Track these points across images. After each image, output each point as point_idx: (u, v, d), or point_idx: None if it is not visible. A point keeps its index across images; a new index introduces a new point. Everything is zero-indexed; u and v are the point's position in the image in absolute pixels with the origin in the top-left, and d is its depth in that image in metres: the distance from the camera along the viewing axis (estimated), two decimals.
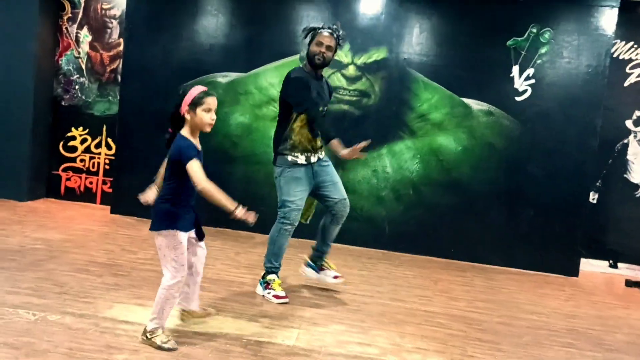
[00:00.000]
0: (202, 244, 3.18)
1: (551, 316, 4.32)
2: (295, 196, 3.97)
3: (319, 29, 4.01)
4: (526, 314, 4.31)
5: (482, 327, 3.88)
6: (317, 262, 4.29)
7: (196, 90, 2.95)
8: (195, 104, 2.92)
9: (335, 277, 4.26)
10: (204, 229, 3.20)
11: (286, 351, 3.12)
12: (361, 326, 3.64)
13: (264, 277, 4.03)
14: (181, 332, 3.20)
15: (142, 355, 2.84)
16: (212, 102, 2.95)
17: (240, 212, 2.85)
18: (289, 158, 3.98)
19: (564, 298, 4.90)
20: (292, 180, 3.97)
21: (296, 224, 4.06)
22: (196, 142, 2.99)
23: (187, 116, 2.94)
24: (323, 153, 4.11)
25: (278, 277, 4.03)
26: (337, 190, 4.12)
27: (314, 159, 4.04)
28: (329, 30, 3.98)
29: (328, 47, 3.95)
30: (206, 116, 2.93)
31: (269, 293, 3.94)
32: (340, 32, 4.05)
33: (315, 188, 4.07)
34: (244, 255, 5.10)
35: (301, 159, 3.99)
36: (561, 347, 3.68)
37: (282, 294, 3.93)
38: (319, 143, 4.05)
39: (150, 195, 3.13)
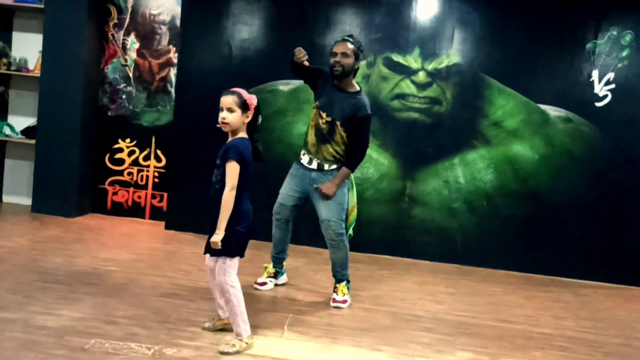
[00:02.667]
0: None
1: None
2: (282, 190, 4.06)
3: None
4: (638, 332, 4.04)
5: (608, 351, 3.62)
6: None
7: None
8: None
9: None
10: None
11: None
12: (487, 353, 3.36)
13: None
14: None
15: None
16: (222, 100, 2.94)
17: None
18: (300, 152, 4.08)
19: None
20: (288, 173, 4.09)
21: (281, 217, 4.08)
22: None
23: None
24: (331, 165, 3.93)
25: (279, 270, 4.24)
26: (321, 209, 3.90)
27: (312, 164, 3.95)
28: (343, 38, 3.93)
29: (343, 54, 3.80)
30: (219, 116, 2.92)
31: None
32: (355, 39, 3.94)
33: (307, 196, 3.99)
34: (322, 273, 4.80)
35: (304, 159, 4.01)
36: None
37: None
38: (322, 150, 3.91)
39: None
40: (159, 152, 6.31)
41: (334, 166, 3.91)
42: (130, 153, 6.35)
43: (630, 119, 5.40)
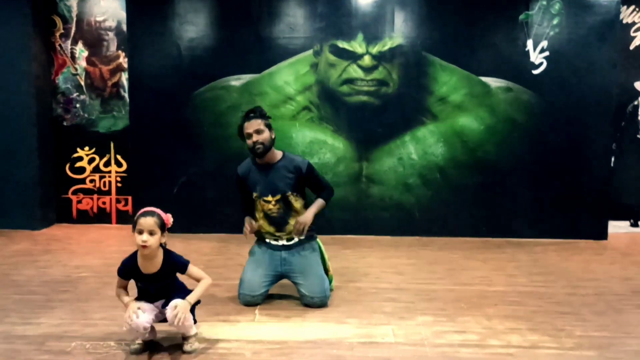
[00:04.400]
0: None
1: (609, 281, 4.39)
2: (249, 278, 3.79)
3: (241, 123, 3.80)
4: (585, 281, 4.38)
5: (555, 300, 3.92)
6: None
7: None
8: (134, 225, 2.88)
9: None
10: None
11: (393, 348, 3.08)
12: (445, 314, 3.62)
13: None
14: (283, 342, 3.13)
15: None
16: (143, 222, 2.82)
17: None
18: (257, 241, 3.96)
19: (609, 262, 4.99)
20: (250, 260, 3.89)
21: (254, 304, 3.76)
22: (142, 264, 2.94)
23: None
24: (299, 237, 3.81)
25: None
26: (304, 286, 3.75)
27: (280, 242, 3.83)
28: (248, 117, 3.76)
29: (257, 132, 3.69)
30: (138, 238, 2.83)
31: None
32: (257, 108, 3.86)
33: (282, 277, 3.85)
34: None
35: (269, 240, 3.86)
36: (638, 309, 3.75)
37: None
38: (288, 227, 3.80)
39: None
40: (118, 157, 6.40)
41: (302, 236, 3.80)
42: (91, 160, 6.42)
43: (564, 83, 5.72)
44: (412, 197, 5.91)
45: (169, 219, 2.96)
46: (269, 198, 3.75)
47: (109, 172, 6.42)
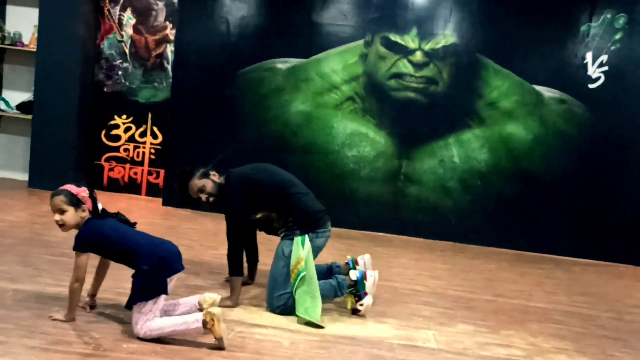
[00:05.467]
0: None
1: None
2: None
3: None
4: (629, 307, 4.21)
5: (600, 324, 3.76)
6: None
7: None
8: None
9: None
10: None
11: (436, 355, 2.94)
12: (487, 325, 3.48)
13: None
14: (321, 335, 3.01)
15: None
16: (50, 204, 2.80)
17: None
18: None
19: None
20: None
21: None
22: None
23: None
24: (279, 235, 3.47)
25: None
26: None
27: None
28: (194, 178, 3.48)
29: (200, 190, 3.44)
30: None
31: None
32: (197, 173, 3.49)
33: None
34: None
35: None
36: None
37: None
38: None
39: None
40: (155, 128, 6.32)
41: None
42: (127, 129, 6.35)
43: (619, 100, 5.53)
44: (449, 201, 5.76)
45: (80, 192, 2.81)
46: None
47: (144, 142, 6.35)
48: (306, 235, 3.27)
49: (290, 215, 3.36)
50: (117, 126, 6.34)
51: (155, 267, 2.74)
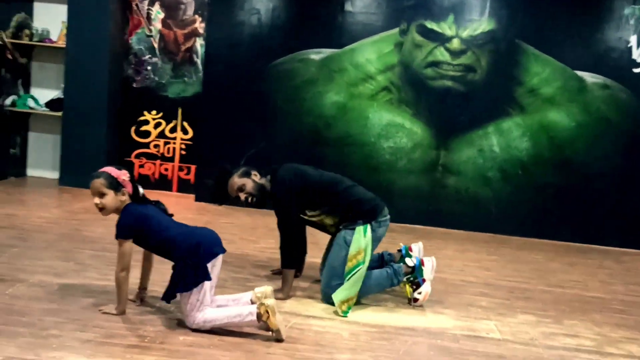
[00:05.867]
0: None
1: None
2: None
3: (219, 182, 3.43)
4: None
5: None
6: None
7: None
8: None
9: None
10: None
11: (502, 346, 2.79)
12: (549, 315, 3.33)
13: None
14: (380, 326, 2.88)
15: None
16: (90, 187, 2.71)
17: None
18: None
19: None
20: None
21: None
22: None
23: None
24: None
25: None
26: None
27: None
28: (224, 177, 3.38)
29: (240, 189, 3.31)
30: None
31: None
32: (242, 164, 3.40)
33: None
34: None
35: None
36: None
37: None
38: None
39: None
40: (185, 124, 6.22)
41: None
42: (157, 125, 6.26)
43: None
44: (490, 191, 5.59)
45: (121, 175, 2.70)
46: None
47: (174, 138, 6.26)
48: (368, 225, 3.15)
49: (347, 212, 3.22)
50: (146, 122, 6.25)
51: (192, 254, 2.64)
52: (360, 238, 3.11)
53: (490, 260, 4.56)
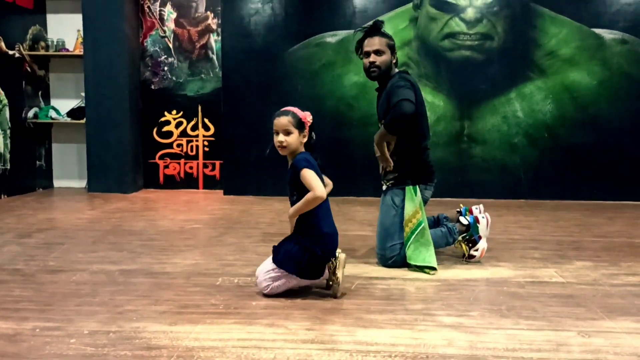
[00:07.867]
0: None
1: None
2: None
3: (361, 38, 3.28)
4: None
5: None
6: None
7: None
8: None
9: None
10: None
11: (569, 287, 2.80)
12: (604, 260, 3.34)
13: None
14: (443, 280, 2.89)
15: None
16: (277, 122, 2.68)
17: None
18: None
19: None
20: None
21: None
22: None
23: None
24: (387, 183, 3.27)
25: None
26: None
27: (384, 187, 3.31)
28: (371, 33, 3.23)
29: (377, 52, 3.17)
30: (275, 139, 2.69)
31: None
32: (379, 22, 3.29)
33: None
34: None
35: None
36: None
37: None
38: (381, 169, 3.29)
39: None
40: (206, 120, 6.25)
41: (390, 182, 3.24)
42: (178, 124, 6.29)
43: None
44: (517, 157, 5.60)
45: (307, 117, 2.71)
46: (380, 124, 3.24)
47: (196, 136, 6.28)
48: (417, 186, 3.16)
49: (410, 163, 3.17)
50: (168, 122, 6.28)
51: (323, 244, 2.61)
52: (413, 199, 3.12)
53: (530, 220, 4.56)
